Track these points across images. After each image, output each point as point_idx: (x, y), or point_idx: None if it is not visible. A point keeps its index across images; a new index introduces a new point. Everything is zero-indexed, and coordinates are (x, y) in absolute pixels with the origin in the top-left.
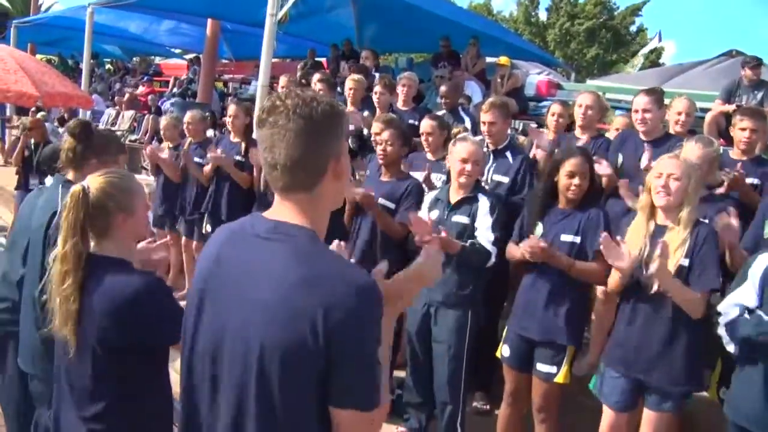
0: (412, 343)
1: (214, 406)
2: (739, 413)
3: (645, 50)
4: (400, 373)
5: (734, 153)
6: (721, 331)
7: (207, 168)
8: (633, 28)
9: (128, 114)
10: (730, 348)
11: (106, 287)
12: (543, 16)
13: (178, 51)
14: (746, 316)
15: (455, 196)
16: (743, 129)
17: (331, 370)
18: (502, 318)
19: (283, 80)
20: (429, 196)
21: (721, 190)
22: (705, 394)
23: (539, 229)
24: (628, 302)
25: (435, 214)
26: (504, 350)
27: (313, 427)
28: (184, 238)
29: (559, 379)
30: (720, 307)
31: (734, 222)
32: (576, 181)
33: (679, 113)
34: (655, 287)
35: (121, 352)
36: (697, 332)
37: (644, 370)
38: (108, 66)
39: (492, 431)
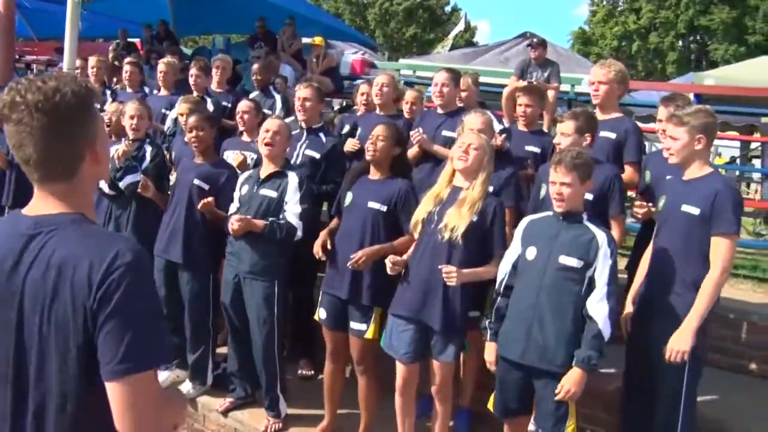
0: (228, 314)
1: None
2: (501, 346)
3: (452, 33)
4: (223, 349)
5: (520, 125)
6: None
7: None
8: (448, 9)
9: None
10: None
11: None
12: None
13: None
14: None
15: (265, 171)
16: (521, 105)
17: (103, 336)
18: (316, 287)
19: (92, 61)
20: (244, 175)
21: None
22: None
23: (349, 197)
24: (415, 253)
25: (245, 189)
26: (321, 313)
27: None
28: None
29: (369, 335)
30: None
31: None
32: (371, 146)
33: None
34: (446, 236)
35: None
36: (474, 283)
37: (428, 314)
38: None
39: (318, 394)
